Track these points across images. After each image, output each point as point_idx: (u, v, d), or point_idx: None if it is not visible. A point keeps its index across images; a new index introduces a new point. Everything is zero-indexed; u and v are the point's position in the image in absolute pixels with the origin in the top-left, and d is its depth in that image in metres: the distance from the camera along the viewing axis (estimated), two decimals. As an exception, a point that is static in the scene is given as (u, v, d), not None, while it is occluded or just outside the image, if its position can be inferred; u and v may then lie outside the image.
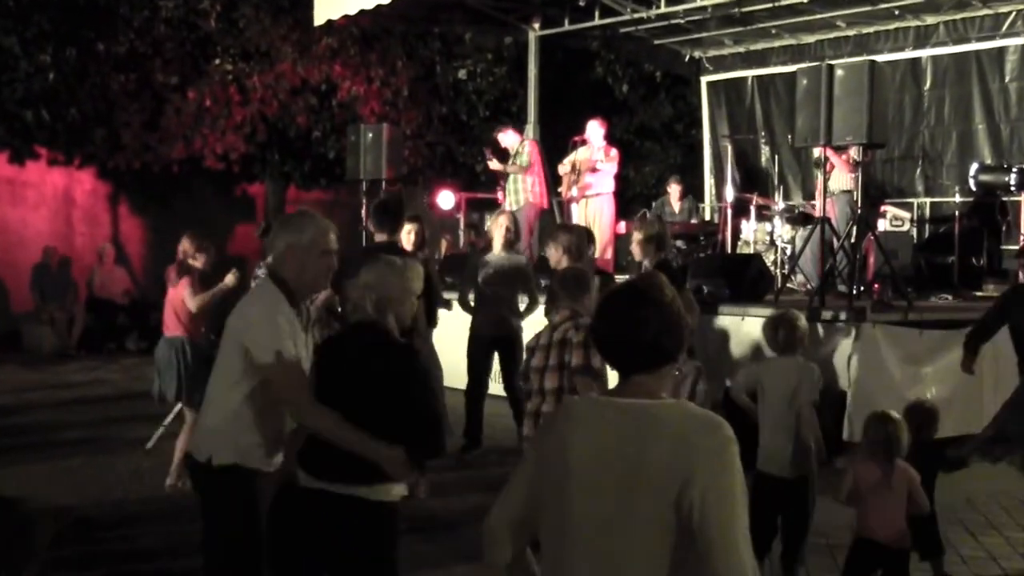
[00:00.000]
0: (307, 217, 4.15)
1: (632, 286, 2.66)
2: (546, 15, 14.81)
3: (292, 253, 4.03)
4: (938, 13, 13.74)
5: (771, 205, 13.02)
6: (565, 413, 2.69)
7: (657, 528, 2.41)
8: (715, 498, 2.37)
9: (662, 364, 2.59)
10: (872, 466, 5.29)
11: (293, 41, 17.09)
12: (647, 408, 2.52)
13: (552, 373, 5.56)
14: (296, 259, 4.03)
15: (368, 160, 13.15)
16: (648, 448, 2.45)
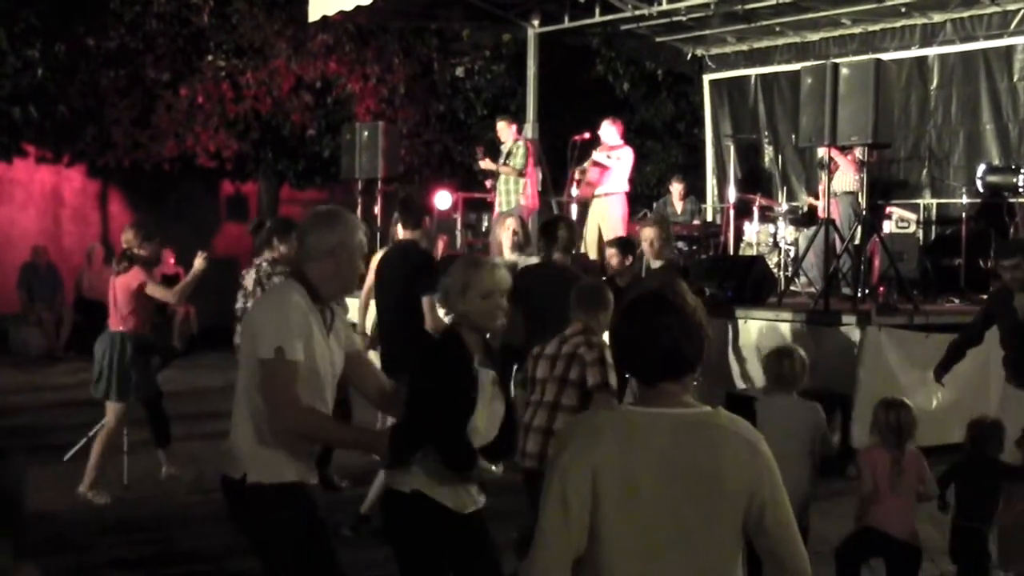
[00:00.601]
0: (346, 216, 4.03)
1: (656, 293, 2.68)
2: (545, 11, 14.81)
3: (332, 254, 3.91)
4: (945, 11, 13.74)
5: (774, 206, 13.03)
6: (609, 428, 2.62)
7: (734, 532, 2.57)
8: (780, 497, 2.58)
9: (686, 372, 2.64)
10: (883, 453, 5.32)
11: (287, 37, 17.11)
12: (701, 417, 2.61)
13: (553, 384, 5.54)
14: (335, 260, 3.91)
15: (364, 159, 13.17)
16: (721, 456, 2.55)
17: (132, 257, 8.04)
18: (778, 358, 5.73)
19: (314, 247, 3.92)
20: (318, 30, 16.65)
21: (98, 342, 8.02)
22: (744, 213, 13.25)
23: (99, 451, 7.86)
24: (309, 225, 4.01)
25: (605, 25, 14.73)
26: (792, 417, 5.52)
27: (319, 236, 3.93)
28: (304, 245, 3.97)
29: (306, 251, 3.95)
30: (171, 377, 11.69)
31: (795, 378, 5.62)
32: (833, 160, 11.03)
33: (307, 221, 4.05)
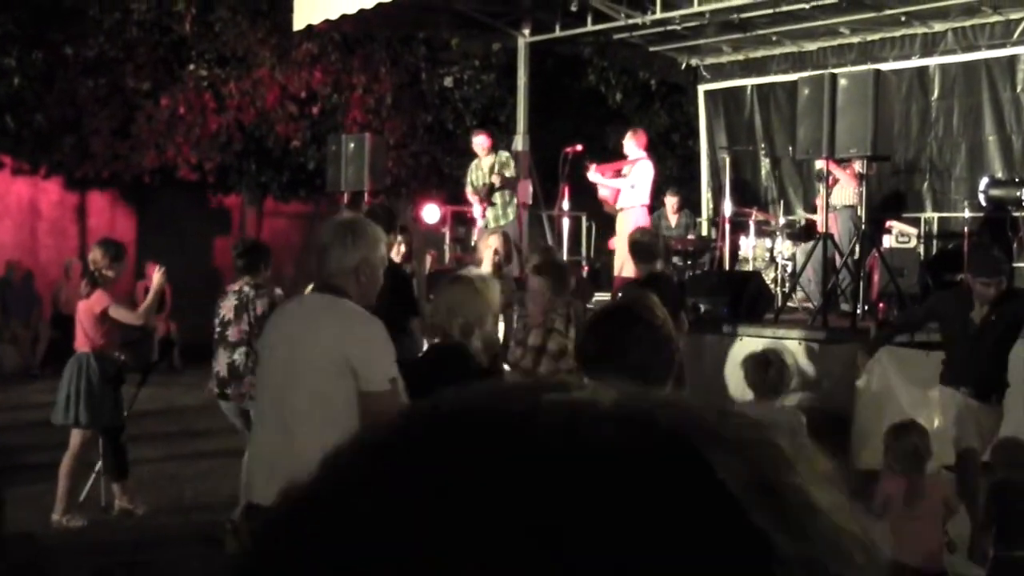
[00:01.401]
0: (369, 228, 4.04)
1: (623, 306, 2.68)
2: (536, 20, 14.84)
3: (356, 271, 3.89)
4: (946, 20, 13.79)
5: (771, 220, 13.06)
6: None
7: None
8: None
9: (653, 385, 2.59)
10: (899, 480, 5.22)
11: (271, 46, 17.13)
12: None
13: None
14: (358, 277, 3.91)
15: (349, 171, 13.16)
16: None
17: (96, 279, 7.93)
18: (759, 367, 5.75)
19: (338, 264, 3.90)
20: (303, 39, 16.67)
21: (67, 366, 7.98)
22: (740, 227, 13.28)
23: (66, 476, 7.82)
24: (331, 240, 3.96)
25: (597, 34, 14.77)
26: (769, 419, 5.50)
27: (343, 253, 3.91)
28: (327, 262, 3.93)
29: (329, 268, 3.92)
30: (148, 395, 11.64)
31: (778, 386, 5.63)
32: (832, 174, 11.07)
33: (328, 235, 4.01)
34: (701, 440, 0.55)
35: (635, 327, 2.59)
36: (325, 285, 3.95)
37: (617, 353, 2.59)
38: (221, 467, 8.82)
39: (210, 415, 9.85)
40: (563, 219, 13.37)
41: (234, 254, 8.13)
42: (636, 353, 2.57)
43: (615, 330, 2.61)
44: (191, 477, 8.94)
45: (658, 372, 2.60)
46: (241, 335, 7.60)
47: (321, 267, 3.98)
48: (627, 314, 2.64)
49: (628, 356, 2.57)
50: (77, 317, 8.07)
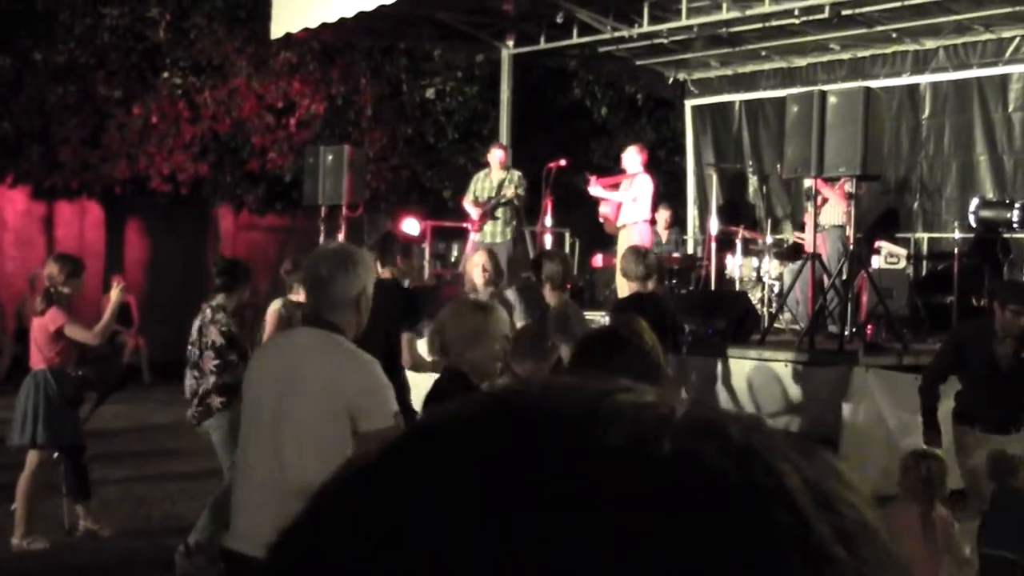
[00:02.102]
0: (364, 258, 4.04)
1: (611, 331, 2.71)
2: (521, 32, 14.91)
3: (355, 303, 3.88)
4: (938, 37, 13.91)
5: (758, 239, 13.12)
6: None
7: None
8: None
9: None
10: (912, 509, 5.24)
11: (248, 55, 17.14)
12: None
13: None
14: (357, 308, 3.90)
15: (327, 184, 13.16)
16: None
17: (52, 297, 7.85)
18: None
19: (341, 295, 3.87)
20: (281, 48, 16.69)
21: (23, 384, 7.93)
22: (727, 246, 13.33)
23: (25, 498, 7.77)
24: (330, 270, 3.91)
25: (583, 47, 14.85)
26: None
27: (345, 283, 3.88)
28: (327, 293, 3.89)
29: (330, 300, 3.88)
30: (118, 413, 11.62)
31: None
32: (821, 193, 11.13)
33: (327, 265, 3.94)
34: (770, 453, 0.56)
35: (623, 352, 2.61)
36: (319, 319, 3.90)
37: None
38: (192, 488, 8.80)
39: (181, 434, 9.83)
40: (546, 235, 13.40)
41: (214, 271, 8.10)
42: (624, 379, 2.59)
43: (603, 355, 2.64)
44: (160, 499, 8.91)
45: None
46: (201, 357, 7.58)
47: (318, 299, 3.92)
48: (615, 339, 2.66)
49: None
50: (31, 334, 8.01)
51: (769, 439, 0.57)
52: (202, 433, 7.66)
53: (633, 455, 0.54)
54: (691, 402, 0.59)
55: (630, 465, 0.53)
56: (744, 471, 0.54)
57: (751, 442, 0.56)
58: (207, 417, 7.50)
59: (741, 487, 0.53)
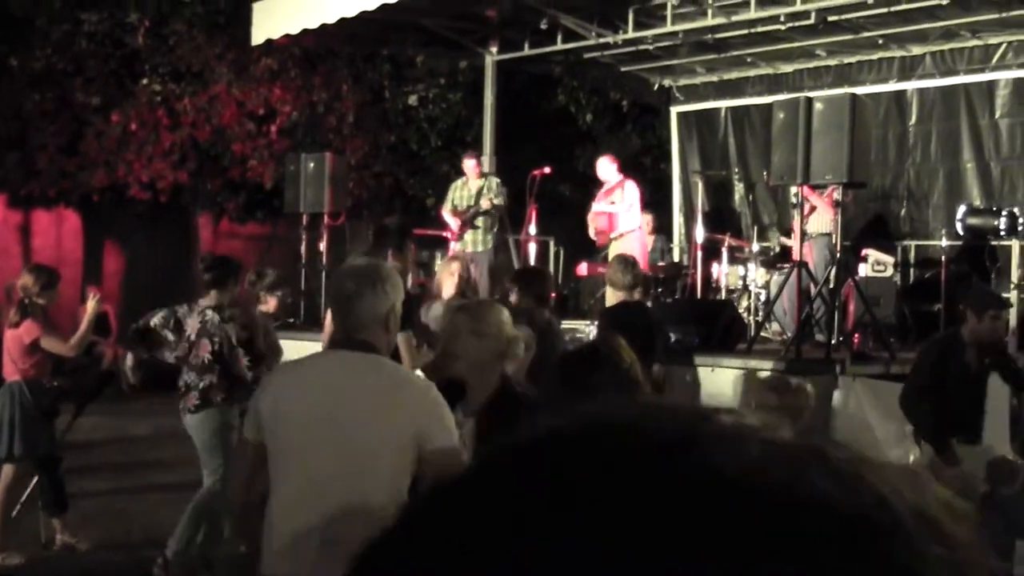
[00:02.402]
0: (392, 274, 3.92)
1: (589, 348, 2.72)
2: (505, 38, 14.93)
3: (385, 321, 3.78)
4: (925, 43, 13.99)
5: (744, 247, 13.15)
6: None
7: None
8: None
9: None
10: None
11: (229, 61, 17.14)
12: None
13: None
14: (386, 327, 3.81)
15: (309, 192, 13.17)
16: None
17: (26, 308, 7.82)
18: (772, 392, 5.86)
19: (371, 314, 3.78)
20: (262, 54, 16.70)
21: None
22: (713, 254, 13.35)
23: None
24: (358, 288, 3.80)
25: (567, 53, 14.87)
26: None
27: (375, 301, 3.79)
28: (357, 312, 3.78)
29: (360, 319, 3.78)
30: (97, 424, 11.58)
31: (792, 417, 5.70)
32: (808, 201, 11.17)
33: (354, 283, 3.82)
34: (879, 482, 0.55)
35: (603, 370, 2.62)
36: (351, 340, 3.77)
37: (583, 398, 2.61)
38: (173, 500, 8.76)
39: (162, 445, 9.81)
40: (530, 243, 13.41)
41: (201, 267, 8.03)
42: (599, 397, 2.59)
43: (582, 373, 2.65)
44: (140, 511, 8.87)
45: None
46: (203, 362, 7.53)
47: (347, 319, 3.79)
48: (593, 357, 2.67)
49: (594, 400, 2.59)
50: (5, 345, 7.97)
51: (876, 467, 0.57)
52: (192, 426, 7.57)
53: (738, 482, 0.53)
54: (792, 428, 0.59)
55: (735, 493, 0.52)
56: (856, 502, 0.53)
57: (859, 471, 0.55)
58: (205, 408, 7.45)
59: (854, 519, 0.52)
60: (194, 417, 7.52)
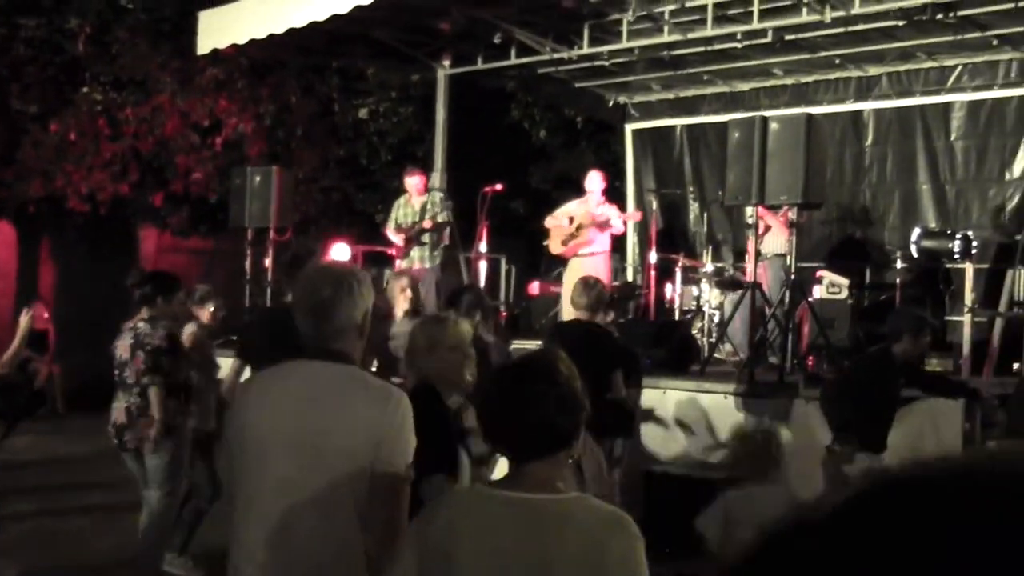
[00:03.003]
0: (364, 277, 3.77)
1: (527, 360, 2.71)
2: (458, 52, 14.95)
3: (360, 327, 3.65)
4: (881, 64, 14.16)
5: (699, 267, 13.23)
6: (451, 504, 2.71)
7: None
8: None
9: (557, 449, 2.62)
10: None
11: (173, 70, 17.04)
12: (547, 504, 2.56)
13: None
14: (361, 332, 3.69)
15: (254, 206, 13.11)
16: (551, 550, 2.50)
17: None
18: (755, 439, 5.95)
19: (347, 320, 3.62)
20: (207, 64, 16.62)
21: None
22: (667, 274, 13.42)
23: None
24: (334, 292, 3.62)
25: (521, 68, 14.91)
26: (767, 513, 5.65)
27: (351, 305, 3.63)
28: (332, 319, 3.61)
29: (335, 326, 3.61)
30: (31, 444, 11.45)
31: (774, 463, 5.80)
32: (763, 220, 11.27)
33: (328, 287, 3.64)
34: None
35: (536, 384, 2.61)
36: (328, 350, 3.61)
37: (518, 412, 2.61)
38: (105, 523, 8.69)
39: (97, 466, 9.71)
40: (481, 261, 13.42)
41: (130, 284, 7.93)
42: (537, 412, 2.59)
43: (515, 387, 2.64)
44: (72, 534, 8.77)
45: (564, 433, 2.63)
46: (138, 376, 7.48)
47: (321, 326, 3.61)
48: (527, 370, 2.67)
49: (529, 415, 2.59)
50: None
51: None
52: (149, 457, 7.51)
53: None
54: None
55: None
56: None
57: None
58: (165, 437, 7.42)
59: None
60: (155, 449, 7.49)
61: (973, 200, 13.79)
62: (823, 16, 11.65)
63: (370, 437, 3.40)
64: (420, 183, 13.03)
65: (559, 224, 12.82)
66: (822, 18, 11.69)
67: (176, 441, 7.50)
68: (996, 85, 13.60)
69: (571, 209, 12.79)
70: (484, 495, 2.64)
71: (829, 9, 11.57)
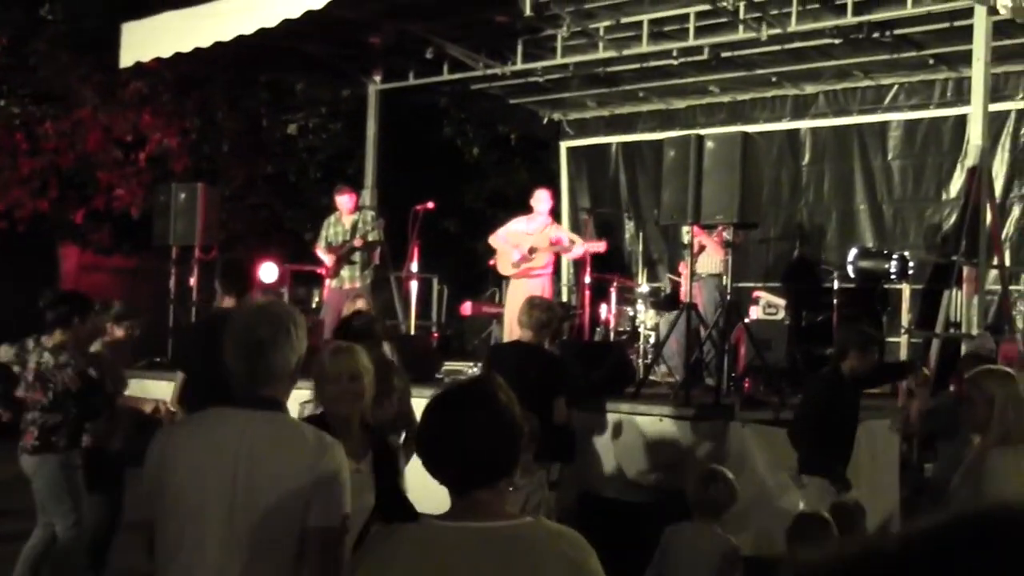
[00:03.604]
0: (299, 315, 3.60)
1: (465, 386, 2.69)
2: (389, 67, 14.93)
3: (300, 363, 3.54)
4: (818, 82, 14.32)
5: (634, 287, 13.26)
6: (406, 547, 2.63)
7: None
8: None
9: (498, 478, 2.62)
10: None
11: (95, 84, 16.88)
12: (519, 530, 2.56)
13: None
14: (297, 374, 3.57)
15: (179, 224, 12.99)
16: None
17: None
18: (704, 483, 5.96)
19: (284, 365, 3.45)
20: (131, 77, 16.45)
21: None
22: (601, 294, 13.44)
23: None
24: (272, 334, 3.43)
25: (454, 84, 14.92)
26: (712, 554, 5.75)
27: (289, 350, 3.45)
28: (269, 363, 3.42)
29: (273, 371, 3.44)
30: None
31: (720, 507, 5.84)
32: (698, 240, 11.33)
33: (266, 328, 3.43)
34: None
35: (475, 412, 2.60)
36: (256, 397, 3.43)
37: (456, 441, 2.59)
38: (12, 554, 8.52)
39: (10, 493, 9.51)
40: (412, 281, 13.37)
41: (42, 305, 7.80)
42: (476, 440, 2.57)
43: (453, 416, 2.62)
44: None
45: (504, 461, 2.62)
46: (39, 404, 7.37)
47: (255, 368, 3.41)
48: (465, 398, 2.65)
49: (467, 443, 2.58)
50: None
51: None
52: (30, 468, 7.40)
53: None
54: None
55: None
56: None
57: None
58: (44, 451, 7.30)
59: None
60: (32, 459, 7.37)
61: (910, 220, 13.97)
62: (760, 33, 11.77)
63: (302, 492, 3.27)
64: (351, 201, 13.00)
65: (509, 247, 12.73)
66: (759, 35, 11.81)
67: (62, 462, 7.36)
68: (932, 104, 13.80)
69: (519, 228, 12.75)
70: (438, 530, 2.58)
71: (766, 27, 11.69)
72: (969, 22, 10.62)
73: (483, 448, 2.57)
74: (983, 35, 10.27)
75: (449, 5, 12.42)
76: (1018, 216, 13.25)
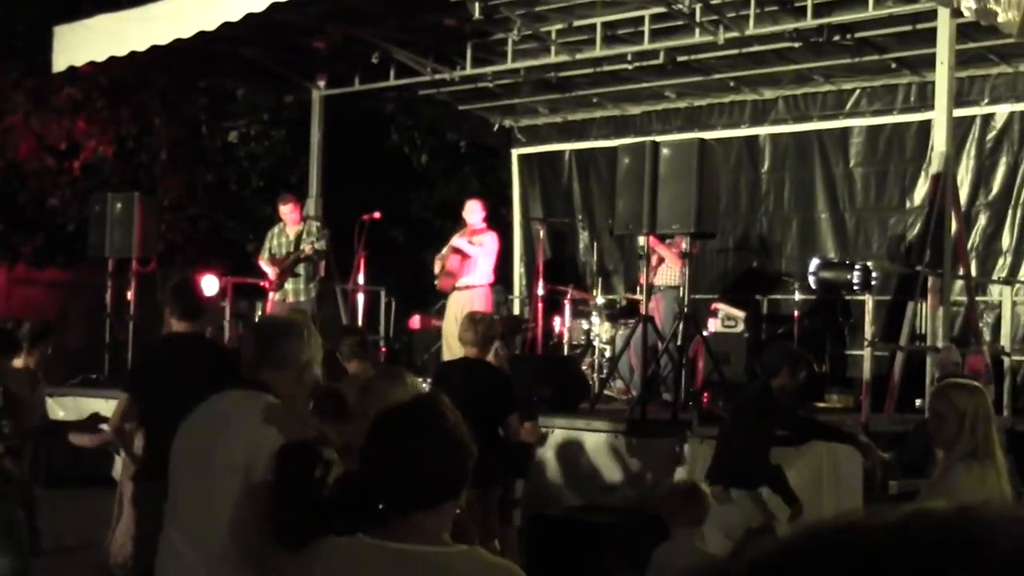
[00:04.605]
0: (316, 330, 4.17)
1: (409, 405, 2.68)
2: (333, 72, 14.86)
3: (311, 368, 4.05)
4: (777, 87, 14.37)
5: (588, 299, 13.27)
6: (326, 556, 2.65)
7: None
8: None
9: (443, 500, 2.61)
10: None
11: (27, 89, 16.73)
12: (434, 557, 2.54)
13: None
14: (310, 376, 4.11)
15: (116, 235, 12.93)
16: None
17: None
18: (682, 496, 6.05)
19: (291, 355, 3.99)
20: (64, 83, 16.31)
21: None
22: (555, 306, 13.44)
23: None
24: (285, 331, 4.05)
25: (401, 89, 14.88)
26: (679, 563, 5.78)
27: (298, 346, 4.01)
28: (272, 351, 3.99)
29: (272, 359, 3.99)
30: None
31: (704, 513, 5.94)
32: (655, 252, 11.33)
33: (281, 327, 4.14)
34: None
35: (421, 433, 2.59)
36: (251, 380, 3.96)
37: (401, 462, 2.58)
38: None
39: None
40: (359, 293, 13.32)
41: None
42: (423, 460, 2.57)
43: (398, 437, 2.61)
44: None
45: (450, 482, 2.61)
46: None
47: (261, 351, 3.97)
48: (410, 418, 2.63)
49: (415, 463, 2.57)
50: None
51: None
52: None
53: None
54: None
55: None
56: None
57: None
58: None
59: None
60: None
61: (873, 229, 14.02)
62: (716, 37, 11.80)
63: (254, 451, 3.69)
64: (294, 211, 12.96)
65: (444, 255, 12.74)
66: (715, 39, 11.84)
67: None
68: (895, 110, 13.86)
69: (453, 242, 12.77)
70: (367, 547, 2.58)
71: (723, 30, 11.72)
72: (932, 25, 10.64)
73: (427, 471, 2.56)
74: (947, 38, 10.30)
75: (395, 8, 12.39)
76: (984, 225, 13.32)
